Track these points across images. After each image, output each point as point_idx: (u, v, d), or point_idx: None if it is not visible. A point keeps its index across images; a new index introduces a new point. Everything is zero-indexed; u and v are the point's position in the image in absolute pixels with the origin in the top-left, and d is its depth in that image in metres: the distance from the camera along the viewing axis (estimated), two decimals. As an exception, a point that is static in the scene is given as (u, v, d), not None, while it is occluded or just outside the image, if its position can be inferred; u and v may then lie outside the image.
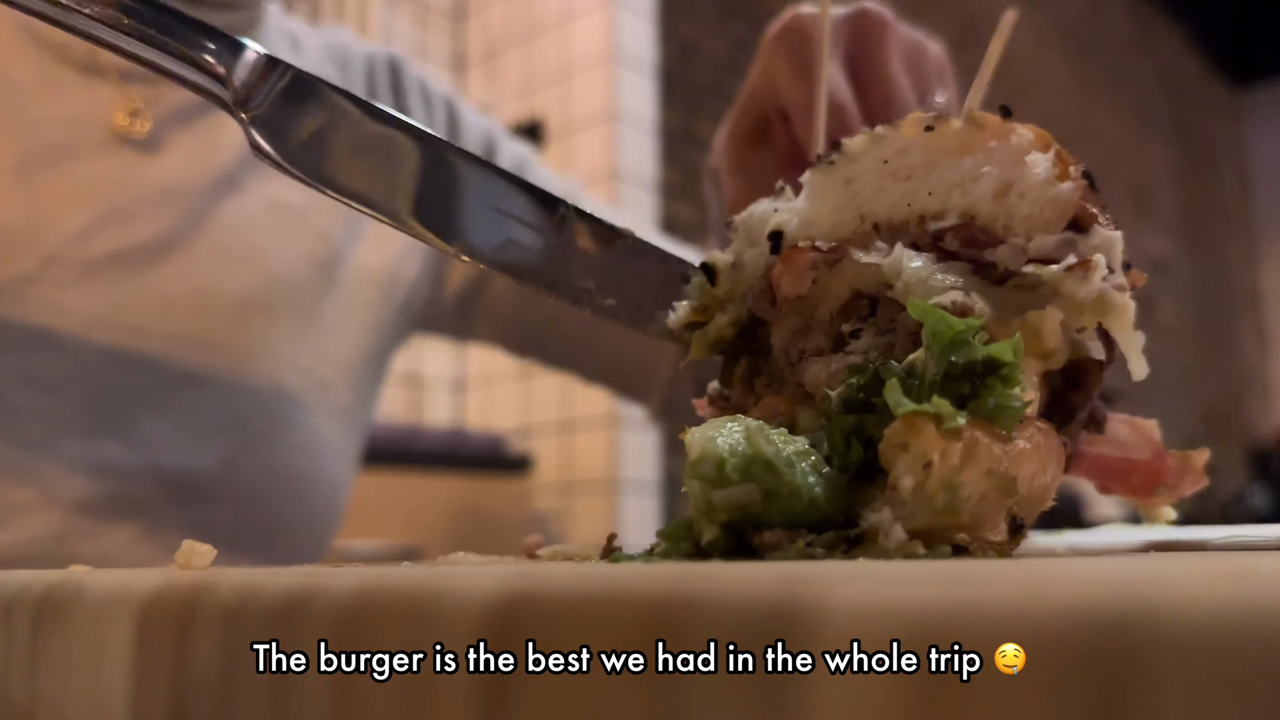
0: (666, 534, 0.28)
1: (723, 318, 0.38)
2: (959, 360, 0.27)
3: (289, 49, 0.77)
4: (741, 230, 0.38)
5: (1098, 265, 0.29)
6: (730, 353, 0.38)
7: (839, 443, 0.28)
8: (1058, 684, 0.11)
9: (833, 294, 0.33)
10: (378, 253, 0.76)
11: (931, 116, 0.34)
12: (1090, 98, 4.50)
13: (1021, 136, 0.32)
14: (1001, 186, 0.32)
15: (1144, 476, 0.36)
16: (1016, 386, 0.27)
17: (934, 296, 0.30)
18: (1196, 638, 0.10)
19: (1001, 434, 0.27)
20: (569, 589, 0.15)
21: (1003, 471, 0.27)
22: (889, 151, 0.34)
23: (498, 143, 0.87)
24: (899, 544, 0.26)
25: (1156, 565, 0.19)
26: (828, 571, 0.16)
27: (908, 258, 0.31)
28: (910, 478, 0.26)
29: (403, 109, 0.82)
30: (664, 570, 0.18)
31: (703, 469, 0.26)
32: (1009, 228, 0.32)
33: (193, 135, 0.67)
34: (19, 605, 0.27)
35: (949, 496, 0.26)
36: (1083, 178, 0.31)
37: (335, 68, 0.80)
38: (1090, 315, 0.30)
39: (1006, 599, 0.11)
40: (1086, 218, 0.31)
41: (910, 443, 0.26)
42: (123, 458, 0.61)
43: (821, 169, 0.36)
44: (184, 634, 0.21)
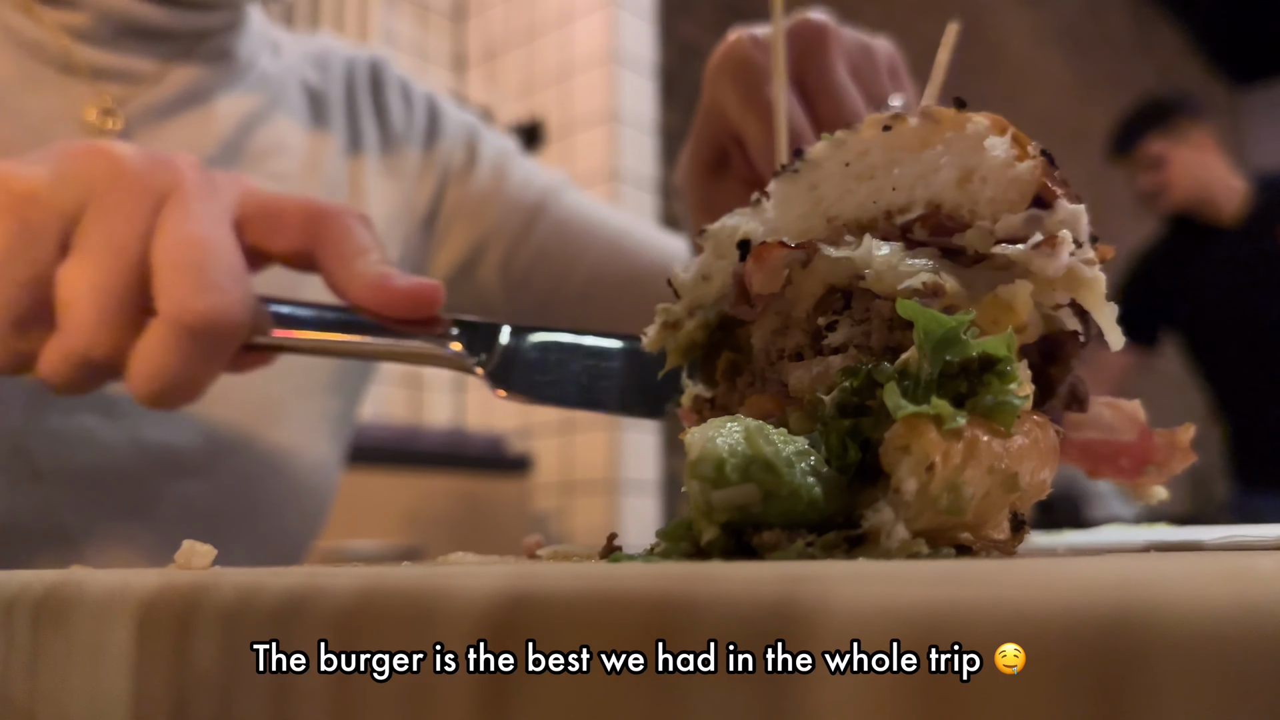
0: (666, 534, 0.28)
1: (690, 323, 0.38)
2: (954, 359, 0.27)
3: (269, 54, 0.77)
4: (711, 242, 0.38)
5: (1064, 240, 0.30)
6: (707, 352, 0.38)
7: (836, 446, 0.28)
8: (1058, 684, 0.11)
9: (807, 292, 0.34)
10: None
11: (889, 116, 0.34)
12: (1090, 98, 4.49)
13: (977, 124, 0.33)
14: (963, 174, 0.33)
15: (1132, 458, 0.36)
16: (1013, 382, 0.27)
17: (904, 281, 0.30)
18: (1196, 637, 0.10)
19: (1001, 430, 0.27)
20: (569, 589, 0.15)
21: (1004, 468, 0.27)
22: (850, 155, 0.35)
23: (480, 137, 0.87)
24: (901, 543, 0.26)
25: (1156, 565, 0.19)
26: (828, 571, 0.16)
27: (876, 247, 0.32)
28: (913, 480, 0.26)
29: (382, 109, 0.83)
30: (664, 570, 0.18)
31: (702, 469, 0.26)
32: (975, 212, 0.32)
33: (167, 132, 0.67)
34: (19, 605, 0.27)
35: (953, 497, 0.26)
36: (1041, 155, 0.32)
37: (315, 72, 0.80)
38: (1061, 290, 0.30)
39: (1006, 599, 0.11)
40: (1049, 194, 0.31)
41: (911, 445, 0.26)
42: (104, 430, 0.61)
43: (786, 177, 0.37)
44: (184, 634, 0.21)
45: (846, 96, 0.51)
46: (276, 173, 0.73)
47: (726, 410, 0.37)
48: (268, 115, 0.74)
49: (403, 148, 0.82)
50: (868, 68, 0.54)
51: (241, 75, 0.72)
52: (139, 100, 0.66)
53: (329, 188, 0.76)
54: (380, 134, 0.82)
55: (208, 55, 0.70)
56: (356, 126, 0.81)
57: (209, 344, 0.44)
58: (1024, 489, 0.28)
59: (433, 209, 0.83)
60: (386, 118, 0.82)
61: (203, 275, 0.43)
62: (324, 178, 0.76)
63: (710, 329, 0.38)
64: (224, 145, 0.70)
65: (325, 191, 0.76)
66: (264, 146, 0.73)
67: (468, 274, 0.84)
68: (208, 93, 0.70)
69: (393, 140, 0.82)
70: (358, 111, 0.81)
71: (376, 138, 0.81)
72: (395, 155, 0.82)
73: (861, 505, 0.27)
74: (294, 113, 0.76)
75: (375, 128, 0.82)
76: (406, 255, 0.81)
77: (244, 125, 0.72)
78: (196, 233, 0.43)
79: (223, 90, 0.71)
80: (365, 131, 0.81)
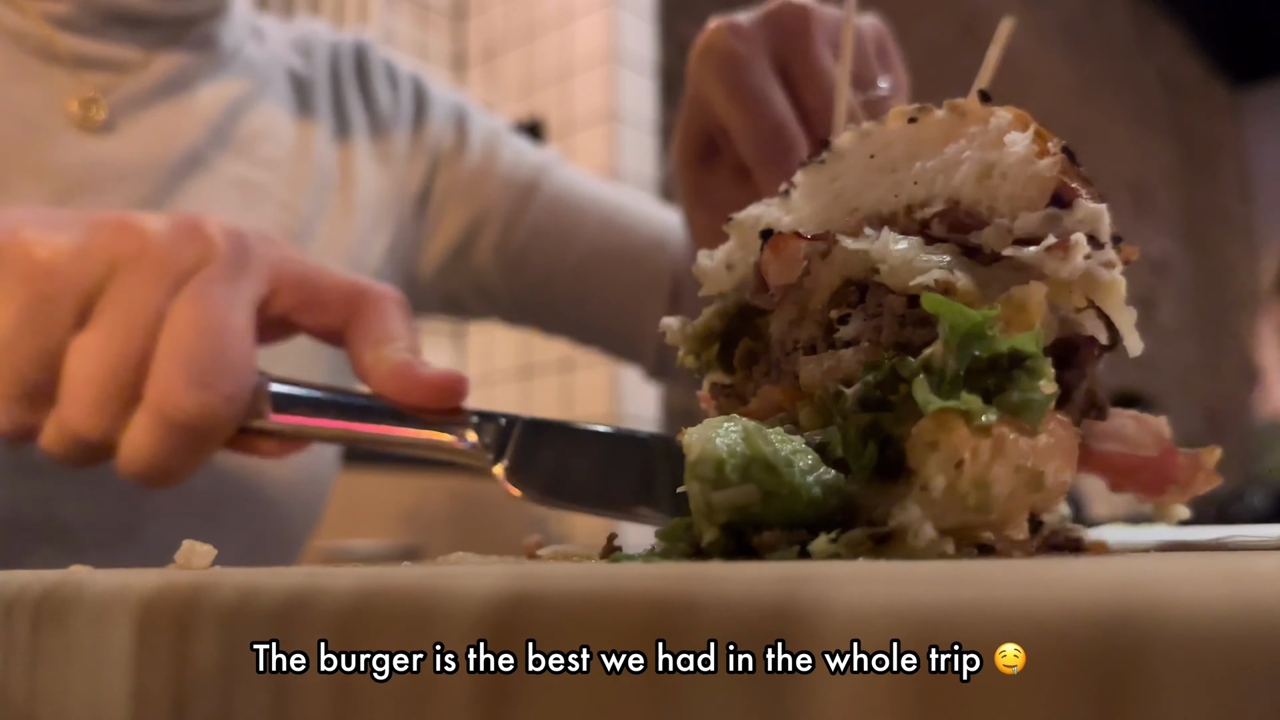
0: (665, 535, 0.28)
1: (708, 310, 0.38)
2: (983, 354, 0.27)
3: (254, 41, 0.76)
4: (736, 231, 0.38)
5: (1077, 244, 0.29)
6: (726, 340, 0.38)
7: (854, 441, 0.28)
8: (1058, 684, 0.11)
9: (825, 283, 0.33)
10: (344, 228, 0.76)
11: (915, 108, 0.34)
12: (1090, 98, 4.49)
13: (1000, 118, 0.32)
14: (983, 169, 0.32)
15: (1153, 474, 0.35)
16: (1042, 379, 0.27)
17: (918, 277, 0.30)
18: (1196, 637, 0.10)
19: (1027, 428, 0.27)
20: (569, 589, 0.15)
21: (1030, 467, 0.27)
22: (875, 146, 0.35)
23: (469, 116, 0.86)
24: (929, 543, 0.25)
25: (1156, 565, 0.19)
26: (828, 571, 0.16)
27: (893, 240, 0.31)
28: (942, 477, 0.25)
29: (368, 93, 0.82)
30: (664, 570, 0.18)
31: (702, 470, 0.26)
32: (993, 209, 0.32)
33: (150, 121, 0.67)
34: (19, 605, 0.27)
35: (981, 495, 0.26)
36: (1062, 153, 0.31)
37: (300, 58, 0.80)
38: (1078, 293, 0.30)
39: (1006, 599, 0.11)
40: (1068, 193, 0.31)
41: (940, 441, 0.25)
42: None
43: (812, 168, 0.36)
44: (184, 634, 0.21)
45: (831, 83, 0.50)
46: (265, 159, 0.72)
47: (743, 399, 0.37)
48: (254, 101, 0.73)
49: (391, 131, 0.82)
50: (855, 48, 0.53)
51: (226, 62, 0.72)
52: (123, 88, 0.66)
53: (319, 173, 0.76)
54: (368, 117, 0.81)
55: (192, 43, 0.70)
56: (344, 111, 0.80)
57: (193, 437, 0.43)
58: (1048, 488, 0.28)
59: (424, 191, 0.83)
60: (374, 103, 0.82)
61: (195, 369, 0.42)
62: (314, 164, 0.75)
63: (729, 317, 0.38)
64: (211, 130, 0.69)
65: (316, 177, 0.75)
66: (252, 132, 0.72)
67: (463, 257, 0.84)
68: (192, 80, 0.69)
69: (381, 124, 0.82)
70: (344, 96, 0.81)
71: (364, 121, 0.81)
72: (384, 139, 0.81)
73: (882, 502, 0.27)
74: (280, 99, 0.76)
75: (363, 111, 0.81)
76: (399, 240, 0.81)
77: (231, 111, 0.71)
78: (204, 321, 0.43)
79: (208, 77, 0.70)
80: (353, 116, 0.80)
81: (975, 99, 0.33)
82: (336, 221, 0.76)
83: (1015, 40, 0.37)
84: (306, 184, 0.75)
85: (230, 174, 0.70)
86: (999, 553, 0.28)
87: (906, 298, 0.31)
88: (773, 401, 0.33)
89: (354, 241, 0.76)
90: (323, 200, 0.75)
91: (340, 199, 0.77)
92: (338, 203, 0.76)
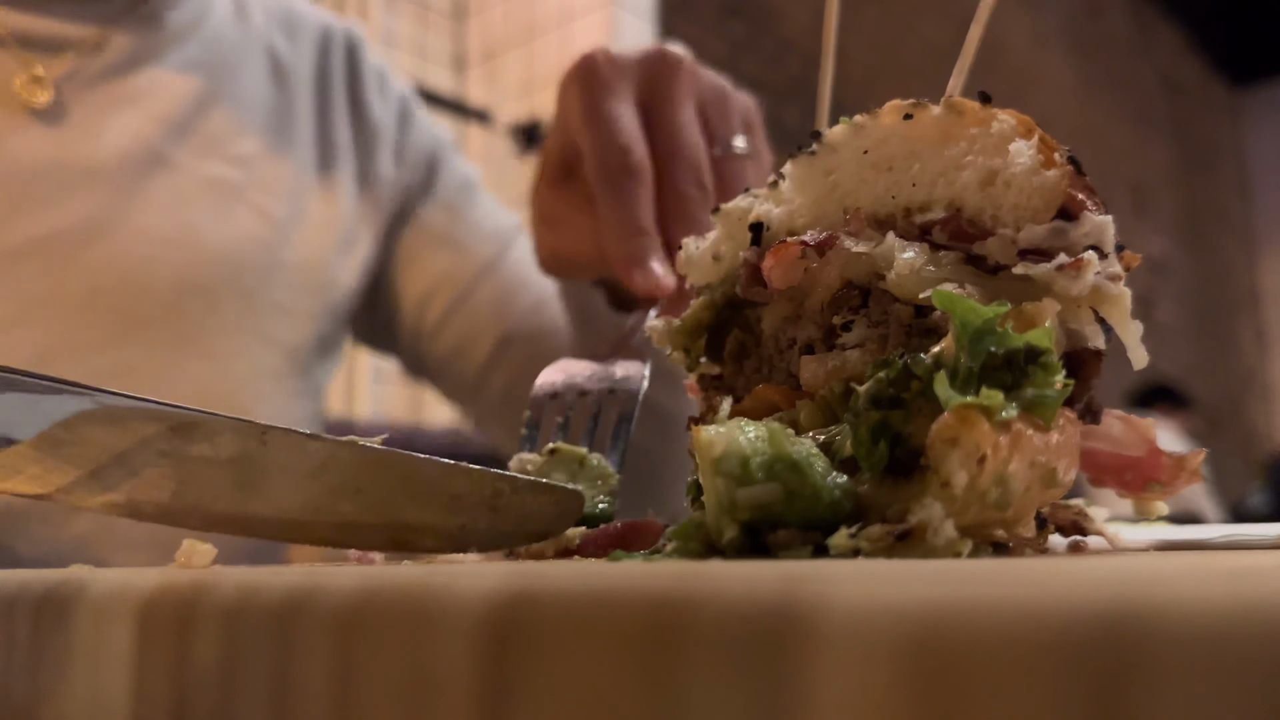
0: (678, 533, 0.28)
1: (696, 302, 0.38)
2: (998, 350, 0.26)
3: (234, 17, 0.75)
4: (722, 221, 0.38)
5: (1089, 263, 0.29)
6: (715, 331, 0.38)
7: (866, 440, 0.27)
8: (1057, 682, 0.11)
9: (823, 282, 0.33)
10: (319, 234, 0.75)
11: (910, 104, 0.33)
12: (1090, 98, 4.50)
13: (1003, 123, 0.32)
14: (986, 176, 0.32)
15: (1137, 473, 0.35)
16: (1056, 375, 0.27)
17: (925, 288, 0.29)
18: (1195, 636, 0.10)
19: (1041, 425, 0.27)
20: (569, 589, 0.15)
21: (1044, 463, 0.27)
22: (868, 141, 0.34)
23: (443, 160, 0.84)
24: (949, 541, 0.25)
25: (1156, 564, 0.19)
26: (828, 571, 0.16)
27: (900, 248, 0.31)
28: (964, 473, 0.25)
29: (356, 93, 0.80)
30: (664, 570, 0.18)
31: (727, 466, 0.26)
32: (997, 218, 0.31)
33: (102, 106, 0.65)
34: (19, 605, 0.27)
35: (1001, 491, 0.26)
36: (1068, 163, 0.31)
37: (283, 38, 0.78)
38: (1086, 305, 0.30)
39: (1006, 598, 0.11)
40: (1075, 205, 0.30)
41: (961, 437, 0.25)
42: None
43: (802, 160, 0.36)
44: (185, 633, 0.21)
45: (684, 133, 0.52)
46: (237, 156, 0.71)
47: (732, 390, 0.36)
48: (221, 94, 0.71)
49: (374, 148, 0.80)
50: (718, 111, 0.54)
51: (179, 42, 0.70)
52: (68, 71, 0.64)
53: (296, 178, 0.74)
54: (353, 131, 0.80)
55: (138, 19, 0.68)
56: (328, 116, 0.78)
57: None
58: (1060, 485, 0.28)
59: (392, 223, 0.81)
60: (361, 107, 0.80)
61: None
62: (290, 165, 0.74)
63: (718, 309, 0.37)
64: (171, 125, 0.68)
65: (293, 181, 0.74)
66: (220, 127, 0.70)
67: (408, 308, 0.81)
68: (143, 62, 0.68)
69: (365, 136, 0.80)
70: (330, 99, 0.79)
71: (349, 135, 0.79)
72: (366, 155, 0.80)
73: (894, 501, 0.27)
74: (256, 84, 0.74)
75: (348, 121, 0.79)
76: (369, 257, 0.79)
77: (196, 103, 0.69)
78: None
79: (161, 60, 0.69)
80: (336, 123, 0.78)
81: (968, 99, 0.33)
82: (311, 228, 0.74)
83: (1015, 41, 0.37)
84: (281, 182, 0.73)
85: (199, 173, 0.68)
86: (1012, 551, 0.27)
87: (914, 307, 0.30)
88: (767, 400, 0.33)
89: (329, 257, 0.75)
90: (298, 203, 0.74)
91: (315, 200, 0.75)
92: (311, 201, 0.75)
